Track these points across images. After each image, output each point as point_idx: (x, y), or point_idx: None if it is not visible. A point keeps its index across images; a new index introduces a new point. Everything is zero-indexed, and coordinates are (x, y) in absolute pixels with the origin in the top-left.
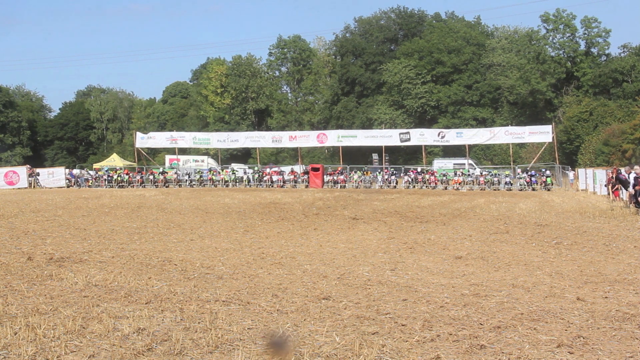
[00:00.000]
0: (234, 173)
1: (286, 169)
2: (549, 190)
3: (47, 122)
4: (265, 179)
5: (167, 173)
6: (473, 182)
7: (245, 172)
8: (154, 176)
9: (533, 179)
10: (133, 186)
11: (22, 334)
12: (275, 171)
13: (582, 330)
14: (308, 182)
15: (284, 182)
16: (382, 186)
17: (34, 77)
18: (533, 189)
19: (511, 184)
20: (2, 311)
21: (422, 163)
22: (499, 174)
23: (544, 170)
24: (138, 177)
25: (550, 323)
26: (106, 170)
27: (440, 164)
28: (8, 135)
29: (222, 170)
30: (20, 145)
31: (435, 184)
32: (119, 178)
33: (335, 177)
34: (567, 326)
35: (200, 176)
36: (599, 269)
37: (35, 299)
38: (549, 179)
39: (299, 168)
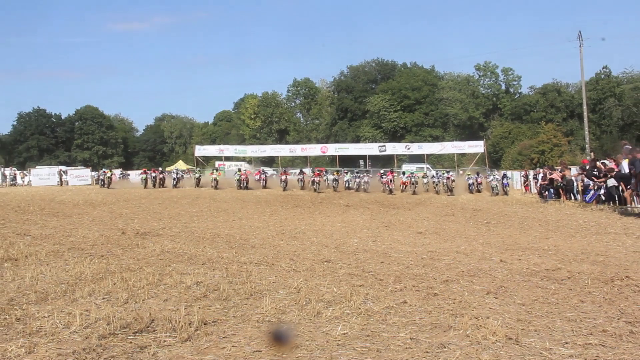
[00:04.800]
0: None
1: (294, 170)
2: (496, 194)
3: (135, 138)
4: (282, 178)
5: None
6: (429, 184)
7: (271, 174)
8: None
9: (505, 181)
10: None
11: (119, 285)
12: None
13: (503, 282)
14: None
15: (303, 181)
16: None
17: (127, 107)
18: (505, 193)
19: (474, 185)
20: (105, 269)
21: (394, 167)
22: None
23: (496, 174)
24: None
25: (482, 278)
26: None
27: (407, 167)
28: (109, 148)
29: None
30: (116, 155)
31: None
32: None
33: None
34: (493, 280)
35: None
36: (515, 240)
37: (127, 260)
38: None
39: (308, 170)
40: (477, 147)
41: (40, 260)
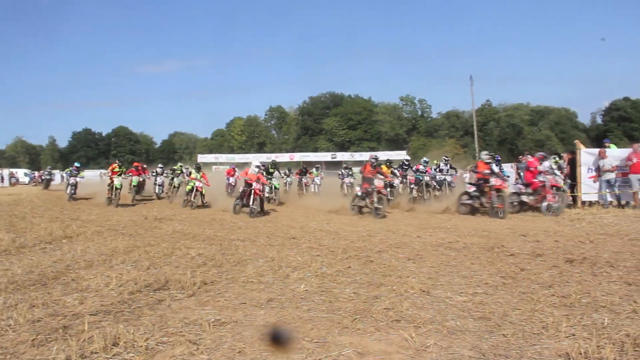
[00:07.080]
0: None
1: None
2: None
3: (154, 150)
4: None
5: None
6: None
7: None
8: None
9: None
10: None
11: (142, 256)
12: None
13: (419, 252)
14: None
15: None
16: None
17: (149, 126)
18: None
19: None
20: (132, 245)
21: (341, 169)
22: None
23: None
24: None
25: (404, 248)
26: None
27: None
28: (136, 157)
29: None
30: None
31: None
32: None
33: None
34: (412, 249)
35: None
36: (428, 222)
37: (148, 238)
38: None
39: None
40: (401, 155)
41: (87, 237)
